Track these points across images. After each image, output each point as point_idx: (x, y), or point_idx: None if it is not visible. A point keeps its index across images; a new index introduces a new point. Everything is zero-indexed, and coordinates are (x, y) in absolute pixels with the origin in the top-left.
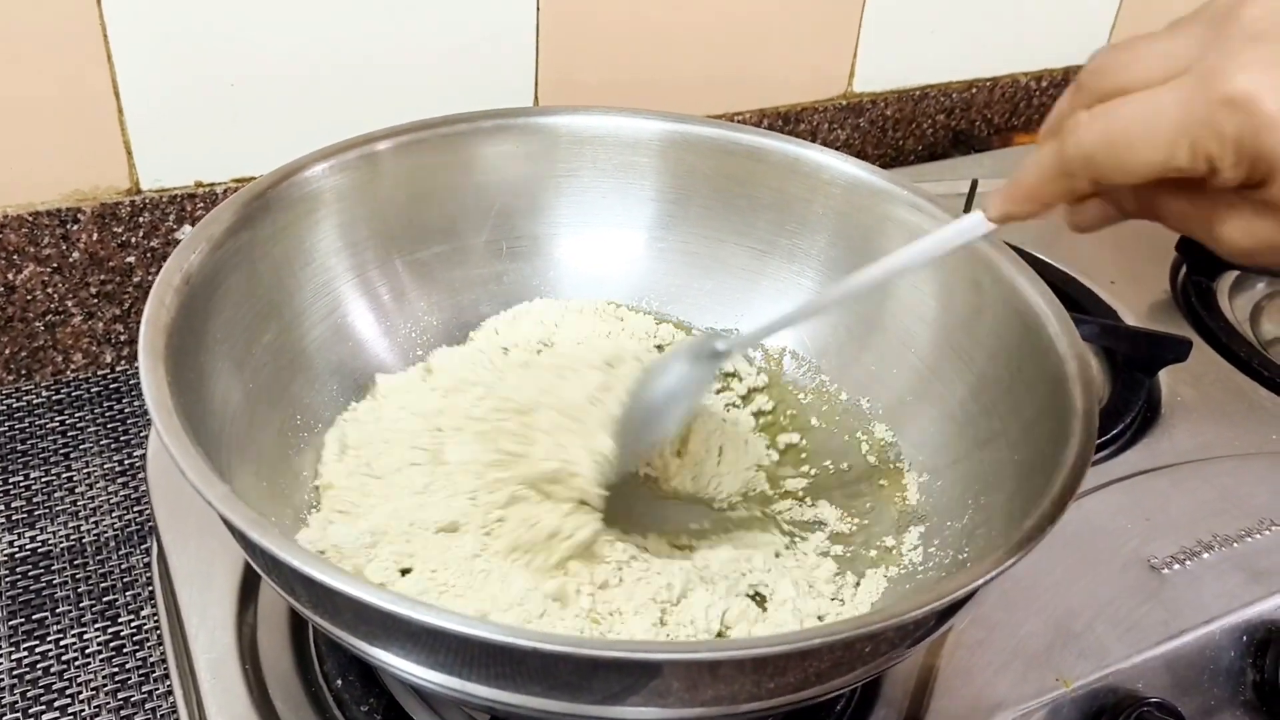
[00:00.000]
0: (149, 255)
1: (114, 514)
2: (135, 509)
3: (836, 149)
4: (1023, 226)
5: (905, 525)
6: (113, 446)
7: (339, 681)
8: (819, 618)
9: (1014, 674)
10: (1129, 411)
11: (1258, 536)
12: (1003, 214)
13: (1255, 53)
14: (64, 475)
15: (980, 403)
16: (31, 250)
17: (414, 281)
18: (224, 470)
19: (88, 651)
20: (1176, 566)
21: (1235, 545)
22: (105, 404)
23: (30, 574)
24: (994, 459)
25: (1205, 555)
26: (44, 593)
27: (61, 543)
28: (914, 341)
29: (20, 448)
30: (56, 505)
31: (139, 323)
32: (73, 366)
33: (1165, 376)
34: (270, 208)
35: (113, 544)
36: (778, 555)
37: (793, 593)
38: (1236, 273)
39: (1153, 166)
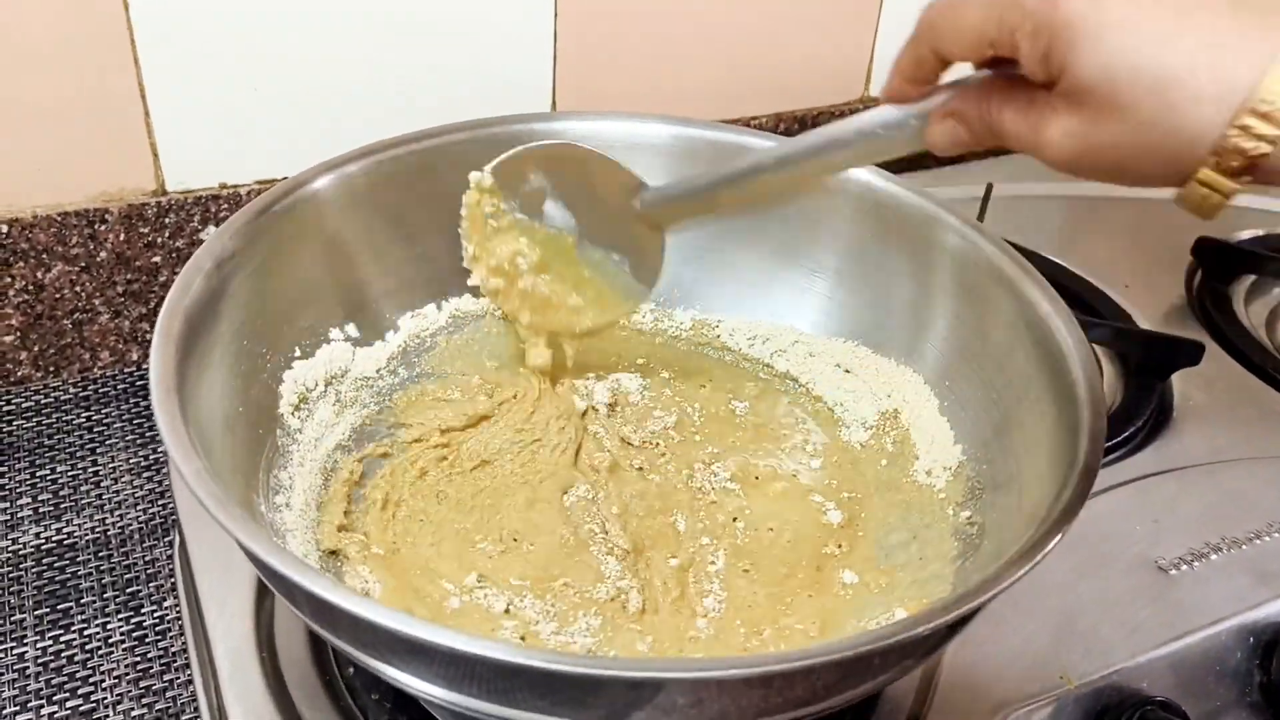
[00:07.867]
0: (174, 255)
1: (138, 507)
2: (159, 502)
3: None
4: (1038, 231)
5: None
6: (138, 442)
7: (351, 669)
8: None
9: (1018, 671)
10: (1140, 415)
11: (1266, 539)
12: (887, 93)
13: None
14: (90, 469)
15: (989, 412)
16: (60, 250)
17: (427, 285)
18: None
19: (111, 641)
20: (1184, 568)
21: (1244, 547)
22: (131, 400)
23: (56, 565)
24: (1002, 466)
25: (1213, 557)
26: (69, 583)
27: (87, 535)
28: (923, 346)
29: (48, 442)
30: (82, 499)
31: None
32: (100, 363)
33: (1178, 380)
34: (292, 210)
35: (136, 536)
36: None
37: None
38: (1253, 278)
39: (976, 33)
